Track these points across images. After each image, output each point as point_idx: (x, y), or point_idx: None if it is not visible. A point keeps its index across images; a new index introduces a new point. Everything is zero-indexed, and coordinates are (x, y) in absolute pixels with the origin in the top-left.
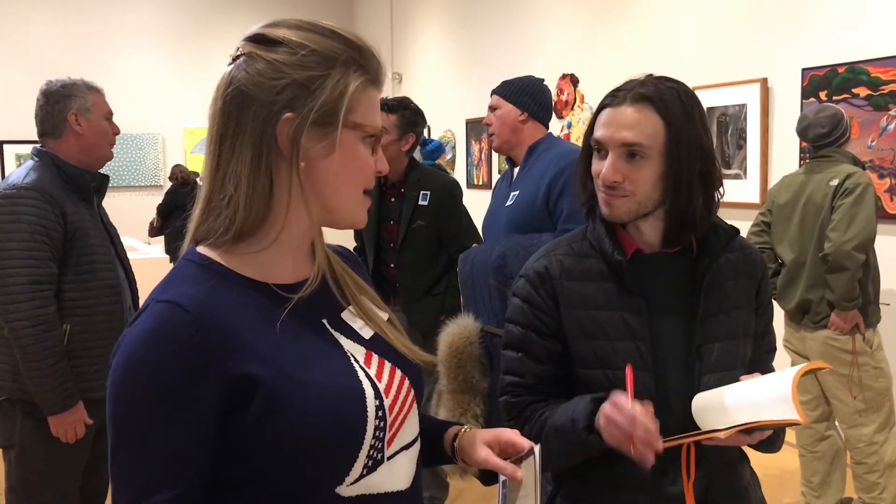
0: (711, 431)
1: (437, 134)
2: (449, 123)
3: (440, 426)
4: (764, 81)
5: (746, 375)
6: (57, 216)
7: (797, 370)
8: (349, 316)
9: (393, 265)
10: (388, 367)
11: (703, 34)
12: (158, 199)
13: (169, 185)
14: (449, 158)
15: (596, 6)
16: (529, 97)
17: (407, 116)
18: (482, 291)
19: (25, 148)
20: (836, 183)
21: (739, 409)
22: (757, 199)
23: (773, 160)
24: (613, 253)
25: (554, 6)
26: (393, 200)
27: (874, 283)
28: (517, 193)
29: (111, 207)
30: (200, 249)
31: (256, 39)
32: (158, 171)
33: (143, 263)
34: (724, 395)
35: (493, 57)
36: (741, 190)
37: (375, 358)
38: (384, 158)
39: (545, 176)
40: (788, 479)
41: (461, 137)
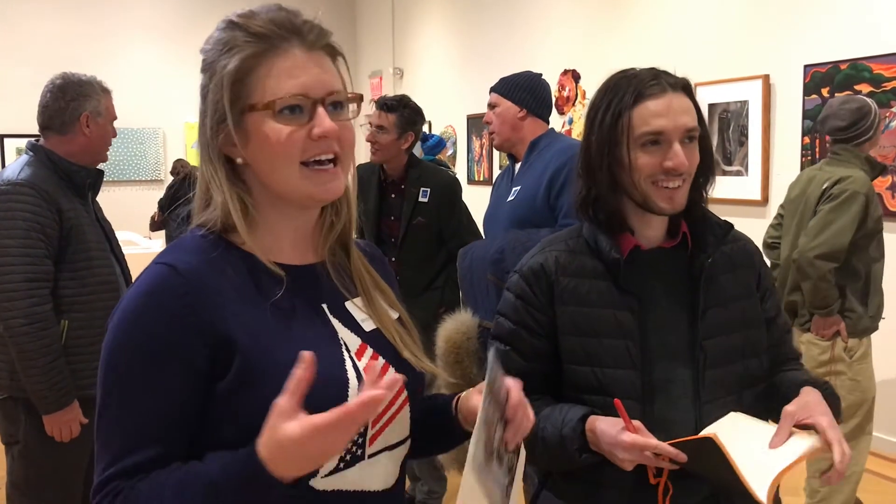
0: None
1: (437, 130)
2: (450, 119)
3: (446, 405)
4: (766, 78)
5: (761, 424)
6: (53, 213)
7: (793, 459)
8: (353, 307)
9: (394, 259)
10: (380, 363)
11: (704, 30)
12: (159, 193)
13: (170, 179)
14: (450, 154)
15: (598, 2)
16: (527, 93)
17: (406, 115)
18: (481, 286)
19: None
20: (826, 186)
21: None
22: (758, 195)
23: (774, 157)
24: (610, 251)
25: (556, 2)
26: (393, 197)
27: (868, 292)
28: (518, 189)
29: (111, 201)
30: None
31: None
32: (159, 165)
33: (142, 258)
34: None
35: (494, 53)
36: (742, 187)
37: (369, 351)
38: (325, 119)
39: (546, 171)
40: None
41: (462, 133)
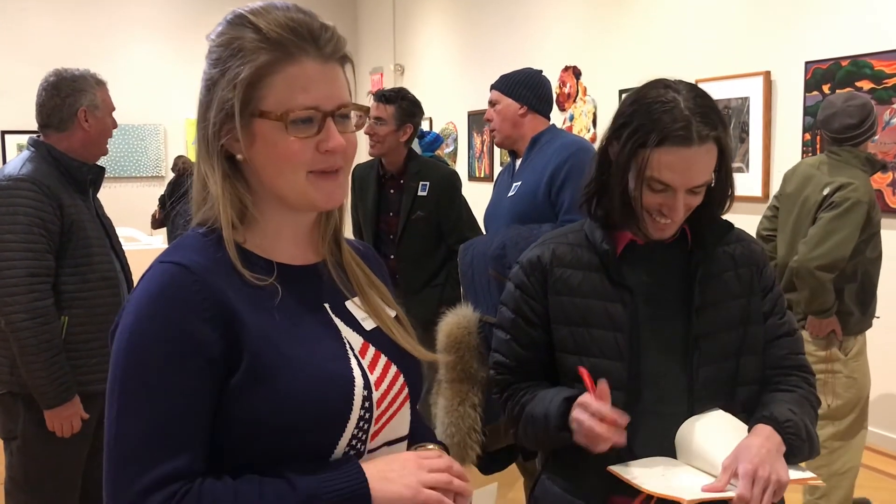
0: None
1: (438, 126)
2: (451, 116)
3: (415, 436)
4: (767, 74)
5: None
6: (54, 208)
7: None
8: (353, 306)
9: (393, 256)
10: (383, 360)
11: (705, 27)
12: (159, 189)
13: (171, 175)
14: (451, 151)
15: None
16: (527, 90)
17: (404, 107)
18: (482, 282)
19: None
20: (827, 192)
21: (713, 465)
22: (759, 192)
23: (775, 154)
24: (602, 243)
25: None
26: (392, 192)
27: (864, 291)
28: (519, 184)
29: (112, 198)
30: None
31: (208, 42)
32: (160, 161)
33: (143, 254)
34: (710, 445)
35: (495, 49)
36: (743, 183)
37: (372, 350)
38: (336, 135)
39: (548, 167)
40: None
41: (463, 130)
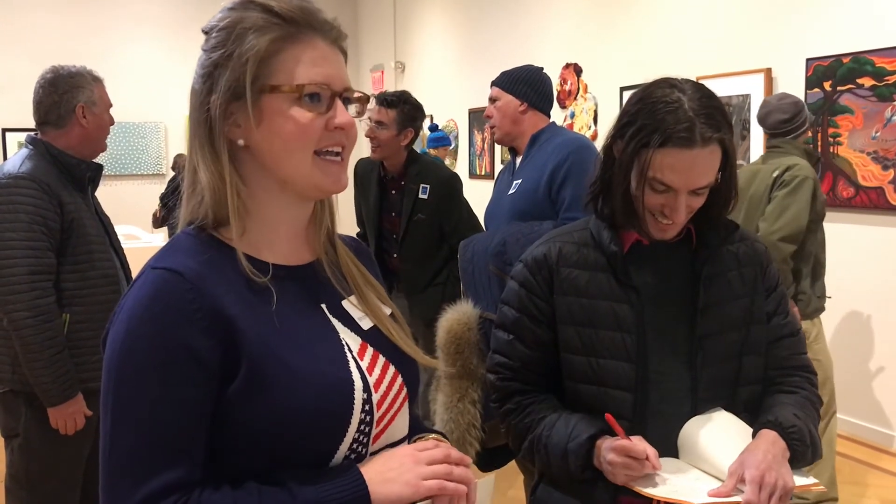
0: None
1: (439, 124)
2: (451, 113)
3: (412, 429)
4: (768, 71)
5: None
6: (54, 206)
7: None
8: (350, 305)
9: (396, 255)
10: (381, 361)
11: (706, 24)
12: (160, 187)
13: (171, 174)
14: (452, 148)
15: None
16: (528, 87)
17: (406, 111)
18: (482, 278)
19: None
20: (777, 174)
21: (717, 468)
22: None
23: None
24: (610, 244)
25: None
26: (394, 193)
27: (815, 274)
28: (520, 182)
29: (112, 196)
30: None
31: (204, 33)
32: (160, 159)
33: (144, 252)
34: (714, 447)
35: (496, 47)
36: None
37: (370, 350)
38: (345, 113)
39: (548, 164)
40: None
41: (464, 127)
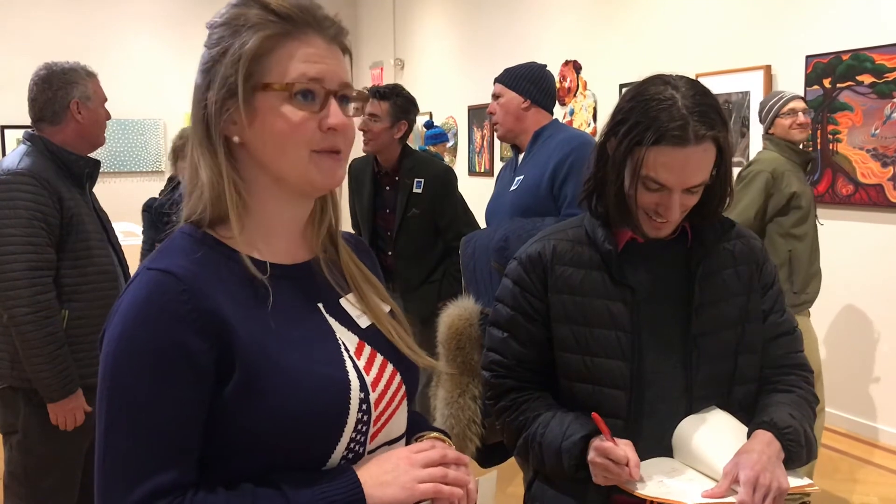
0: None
1: (438, 121)
2: (451, 110)
3: (413, 427)
4: (767, 69)
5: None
6: (54, 202)
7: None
8: (347, 304)
9: (390, 253)
10: (379, 360)
11: (706, 21)
12: (159, 184)
13: (170, 170)
14: (451, 145)
15: None
16: (531, 84)
17: (399, 104)
18: (483, 274)
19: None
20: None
21: (712, 468)
22: None
23: None
24: (604, 242)
25: None
26: (388, 189)
27: (792, 269)
28: (522, 178)
29: (112, 193)
30: (194, 224)
31: (207, 28)
32: (160, 156)
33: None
34: (709, 447)
35: (495, 44)
36: None
37: (367, 349)
38: (339, 112)
39: (550, 160)
40: None
41: (463, 124)
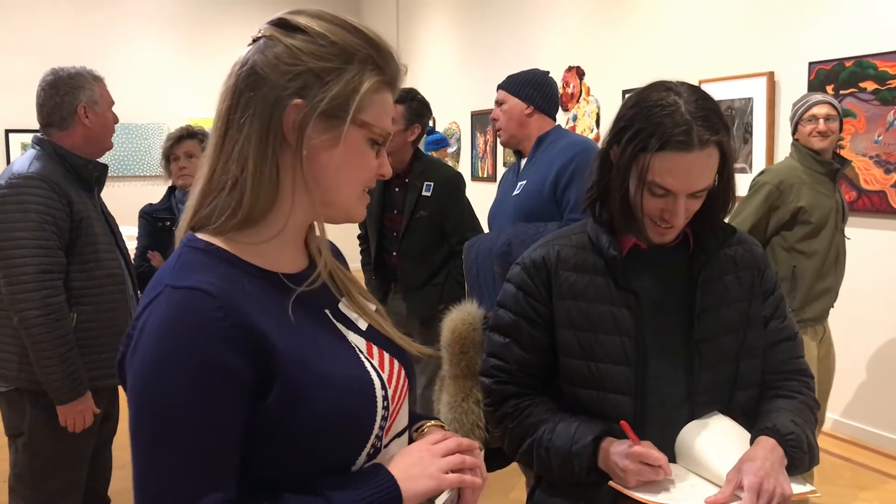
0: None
1: (442, 126)
2: (454, 116)
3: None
4: (770, 75)
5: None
6: (64, 205)
7: None
8: (345, 308)
9: (395, 253)
10: (387, 357)
11: (709, 27)
12: (163, 189)
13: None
14: (454, 151)
15: None
16: (534, 90)
17: (414, 107)
18: (486, 278)
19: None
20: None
21: (715, 474)
22: None
23: (778, 154)
24: (609, 248)
25: None
26: (397, 190)
27: (794, 287)
28: (524, 183)
29: (116, 197)
30: (201, 236)
31: (278, 24)
32: None
33: None
34: (712, 453)
35: (498, 49)
36: (747, 184)
37: (375, 349)
38: (388, 163)
39: (553, 165)
40: None
41: (466, 130)
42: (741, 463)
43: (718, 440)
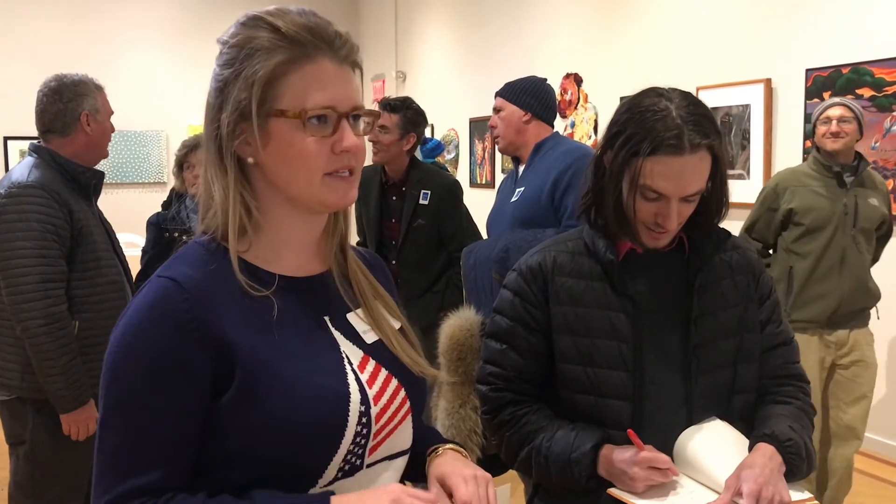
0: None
1: (440, 133)
2: (452, 122)
3: (426, 441)
4: (768, 82)
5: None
6: (64, 214)
7: None
8: (355, 318)
9: (394, 262)
10: (383, 374)
11: (707, 34)
12: (162, 196)
13: (173, 182)
14: (452, 157)
15: (600, 6)
16: (532, 97)
17: (409, 116)
18: (484, 284)
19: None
20: None
21: (713, 480)
22: None
23: (776, 161)
24: (606, 253)
25: (558, 6)
26: (395, 199)
27: (789, 287)
28: (522, 190)
29: (114, 204)
30: (211, 236)
31: (219, 45)
32: (162, 167)
33: None
34: (711, 459)
35: (496, 56)
36: (744, 190)
37: (372, 364)
38: (350, 133)
39: (551, 172)
40: None
41: (464, 136)
42: (740, 469)
43: (716, 446)
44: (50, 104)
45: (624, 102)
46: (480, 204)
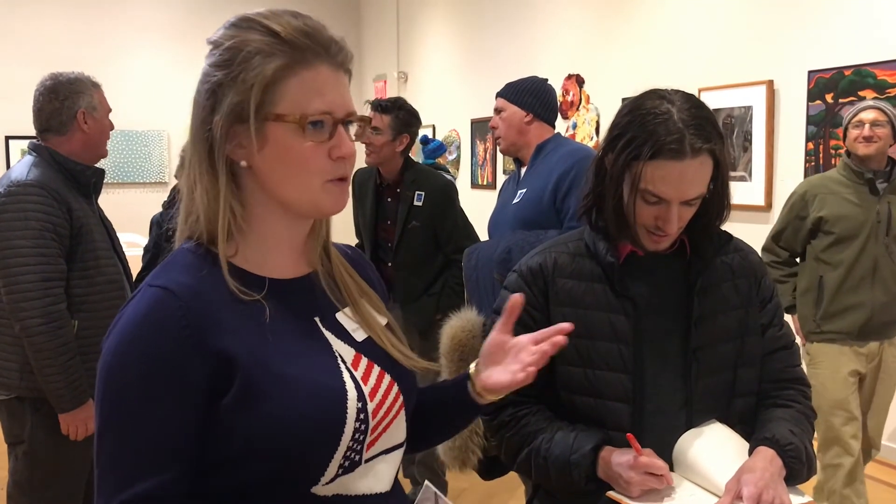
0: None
1: (441, 134)
2: (454, 123)
3: (451, 386)
4: (770, 83)
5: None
6: (64, 212)
7: None
8: (344, 317)
9: (390, 264)
10: (376, 370)
11: (709, 35)
12: (162, 195)
13: (174, 181)
14: (454, 159)
15: (602, 7)
16: (533, 98)
17: (401, 117)
18: (486, 285)
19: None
20: None
21: (714, 485)
22: (762, 201)
23: (778, 162)
24: (606, 255)
25: (560, 6)
26: (389, 201)
27: (818, 297)
28: (524, 191)
29: (115, 203)
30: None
31: (209, 45)
32: (163, 167)
33: None
34: (711, 462)
35: (498, 57)
36: (746, 192)
37: (364, 361)
38: (347, 140)
39: (553, 173)
40: None
41: (466, 137)
42: (740, 473)
43: (717, 449)
44: (46, 103)
45: (625, 104)
46: (481, 205)
